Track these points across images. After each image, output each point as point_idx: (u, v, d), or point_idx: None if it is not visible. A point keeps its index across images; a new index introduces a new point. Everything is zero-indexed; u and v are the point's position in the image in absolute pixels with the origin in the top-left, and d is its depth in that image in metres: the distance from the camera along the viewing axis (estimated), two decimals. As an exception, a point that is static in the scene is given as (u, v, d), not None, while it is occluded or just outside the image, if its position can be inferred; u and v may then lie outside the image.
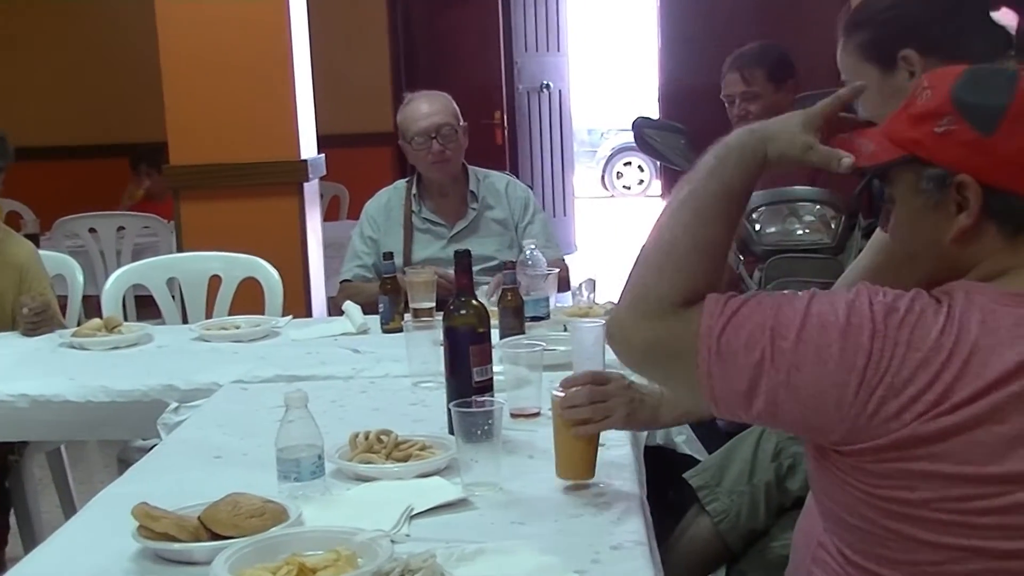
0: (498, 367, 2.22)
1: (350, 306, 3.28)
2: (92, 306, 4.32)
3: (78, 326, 3.33)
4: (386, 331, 3.13)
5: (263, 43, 4.51)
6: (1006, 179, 1.36)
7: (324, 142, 4.90)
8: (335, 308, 3.70)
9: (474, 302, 2.15)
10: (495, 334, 2.52)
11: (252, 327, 3.28)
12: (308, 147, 4.65)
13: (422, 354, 2.58)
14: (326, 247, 4.88)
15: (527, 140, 9.04)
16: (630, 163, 14.71)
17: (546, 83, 9.13)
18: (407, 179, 3.84)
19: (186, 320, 3.85)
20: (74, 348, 3.14)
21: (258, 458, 2.04)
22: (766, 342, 1.35)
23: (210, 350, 3.10)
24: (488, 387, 2.12)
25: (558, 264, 3.44)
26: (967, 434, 1.30)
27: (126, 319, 3.57)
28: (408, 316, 2.89)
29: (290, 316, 3.48)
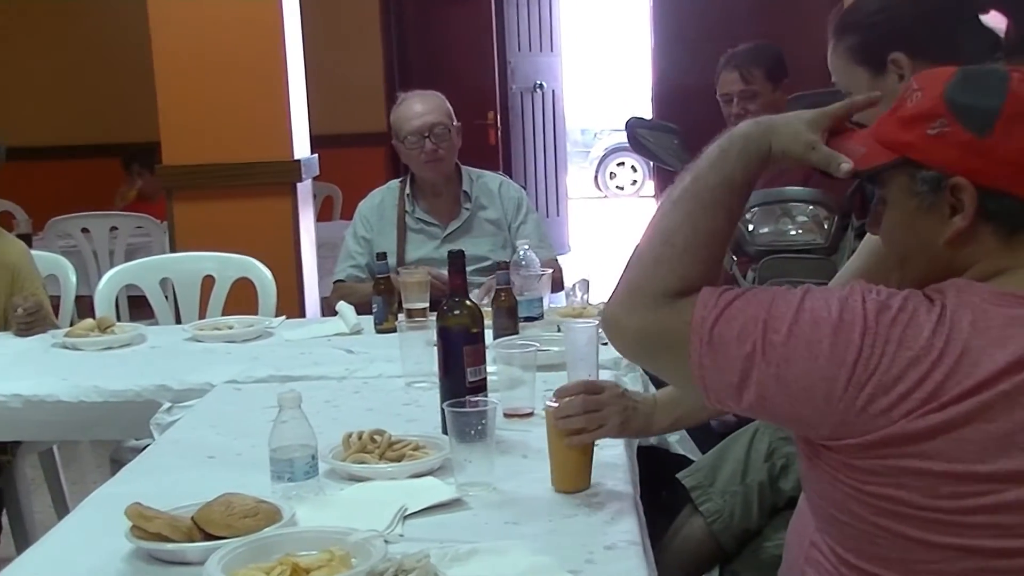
0: (492, 367, 2.22)
1: (343, 306, 3.28)
2: (85, 306, 4.31)
3: (71, 326, 3.33)
4: (379, 331, 3.13)
5: (256, 43, 4.51)
6: (1001, 180, 1.37)
7: (317, 142, 4.90)
8: (328, 308, 3.70)
9: (468, 302, 2.15)
10: (489, 334, 2.52)
11: (245, 327, 3.27)
12: (301, 147, 4.65)
13: (416, 354, 2.58)
14: (319, 247, 4.87)
15: (520, 140, 9.03)
16: (623, 163, 14.70)
17: (539, 83, 9.13)
18: (400, 179, 3.84)
19: (179, 320, 3.85)
20: (67, 348, 3.13)
21: (251, 458, 2.04)
22: (758, 335, 1.36)
23: (203, 350, 3.09)
24: (482, 387, 2.12)
25: (551, 264, 3.44)
26: (956, 432, 1.30)
27: (119, 319, 3.57)
28: (402, 316, 2.90)
29: (283, 316, 3.47)
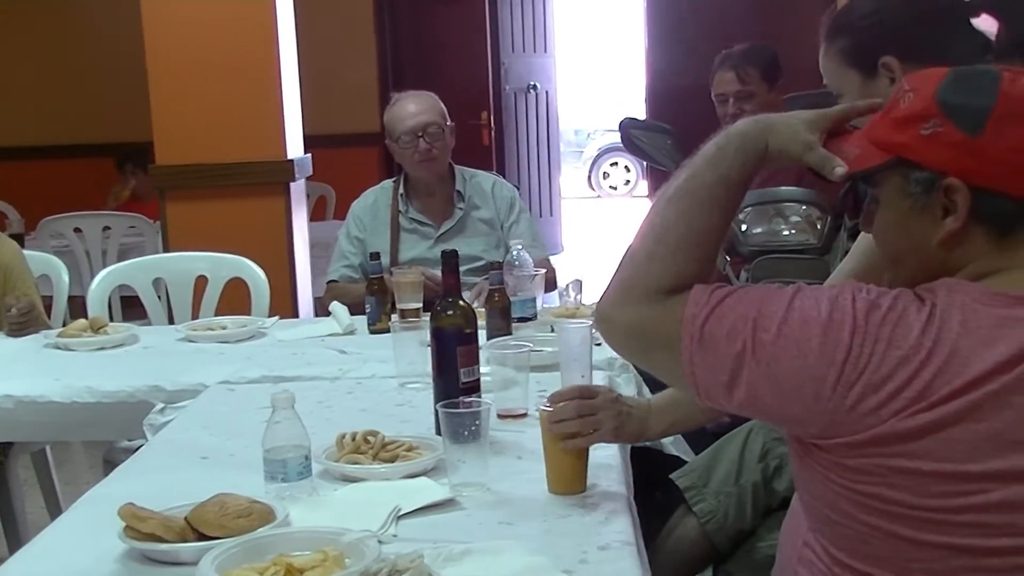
0: (485, 368, 2.22)
1: (337, 307, 3.27)
2: (77, 306, 4.31)
3: (63, 327, 3.32)
4: (373, 332, 3.13)
5: (250, 43, 4.50)
6: (994, 180, 1.37)
7: (311, 142, 4.90)
8: (322, 309, 3.70)
9: (461, 303, 2.15)
10: (482, 335, 2.52)
11: (238, 328, 3.27)
12: (295, 147, 4.65)
13: (409, 355, 2.58)
14: (313, 247, 4.87)
15: (514, 141, 9.04)
16: (616, 163, 14.72)
17: (533, 84, 9.13)
18: (394, 179, 3.83)
19: (172, 320, 3.84)
20: (59, 349, 3.12)
21: (245, 459, 2.04)
22: (748, 334, 1.36)
23: (196, 351, 3.09)
24: (475, 388, 2.12)
25: (544, 264, 3.43)
26: (945, 431, 1.31)
27: (112, 319, 3.56)
28: (395, 317, 2.89)
29: (276, 317, 3.47)
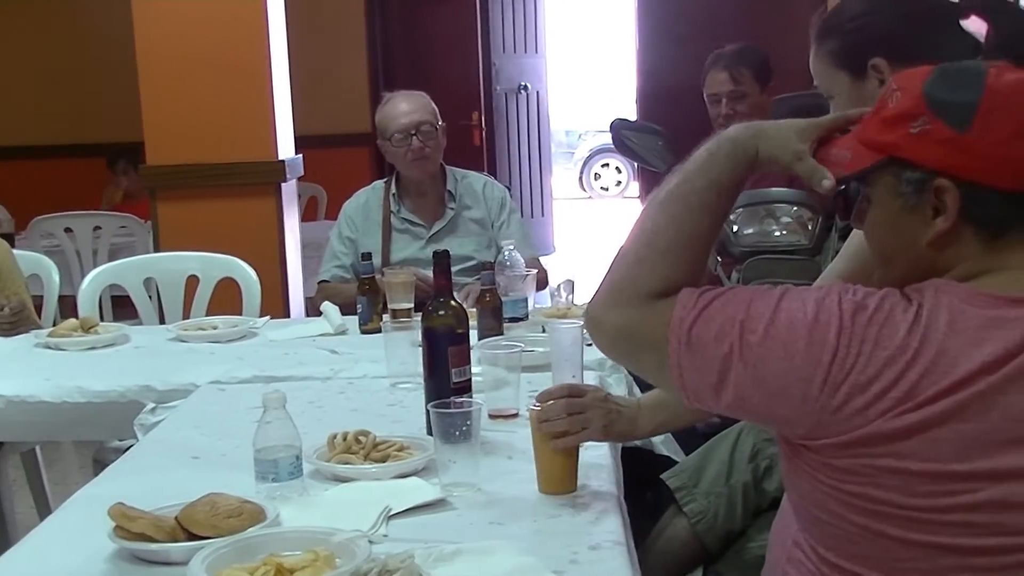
0: (476, 368, 2.22)
1: (328, 307, 3.27)
2: (68, 306, 4.30)
3: (54, 326, 3.31)
4: (364, 332, 3.13)
5: (241, 43, 4.50)
6: (984, 174, 1.37)
7: (302, 142, 4.89)
8: (313, 309, 3.69)
9: (453, 303, 2.15)
10: (473, 335, 2.52)
11: (230, 328, 3.26)
12: (286, 147, 4.64)
13: (400, 355, 2.58)
14: (304, 247, 4.87)
15: (505, 141, 9.04)
16: (608, 164, 14.71)
17: (524, 84, 9.13)
18: (385, 179, 3.84)
19: (163, 320, 3.84)
20: (50, 348, 3.12)
21: (236, 459, 2.04)
22: (735, 335, 1.37)
23: (187, 351, 3.08)
24: (466, 388, 2.11)
25: (534, 264, 3.44)
26: (932, 432, 1.31)
27: (102, 319, 3.55)
28: (386, 317, 2.89)
29: (268, 317, 3.46)
